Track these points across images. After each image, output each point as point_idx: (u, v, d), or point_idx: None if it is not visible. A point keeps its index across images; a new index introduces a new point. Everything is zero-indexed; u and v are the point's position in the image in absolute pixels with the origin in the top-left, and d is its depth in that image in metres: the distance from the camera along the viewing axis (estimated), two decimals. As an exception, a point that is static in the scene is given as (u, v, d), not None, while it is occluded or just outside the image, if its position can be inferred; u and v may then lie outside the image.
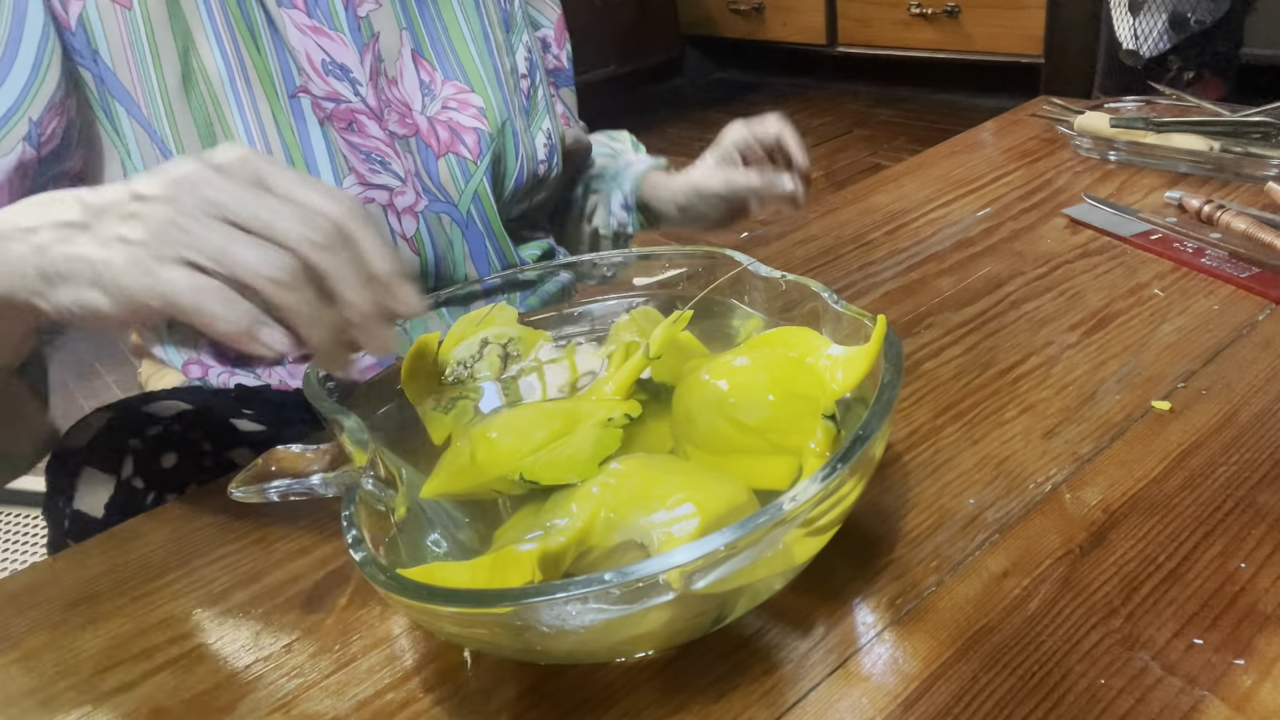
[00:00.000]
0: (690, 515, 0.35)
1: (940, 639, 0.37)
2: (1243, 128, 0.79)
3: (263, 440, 0.64)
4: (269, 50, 0.63)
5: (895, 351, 0.39)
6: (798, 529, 0.33)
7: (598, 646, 0.36)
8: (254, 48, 0.62)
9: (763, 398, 0.40)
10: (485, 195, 0.71)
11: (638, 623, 0.33)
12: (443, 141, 0.69)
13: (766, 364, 0.42)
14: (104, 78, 0.59)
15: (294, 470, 0.38)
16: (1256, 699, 0.33)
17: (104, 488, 0.58)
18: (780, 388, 0.41)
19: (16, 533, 1.59)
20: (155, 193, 0.38)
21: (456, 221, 0.70)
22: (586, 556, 0.36)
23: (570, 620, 0.32)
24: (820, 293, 0.45)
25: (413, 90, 0.69)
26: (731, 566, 0.32)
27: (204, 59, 0.61)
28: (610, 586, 0.30)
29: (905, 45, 2.87)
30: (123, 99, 0.60)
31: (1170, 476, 0.44)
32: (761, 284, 0.49)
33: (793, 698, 0.35)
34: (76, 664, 0.41)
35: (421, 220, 0.68)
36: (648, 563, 0.30)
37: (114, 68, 0.59)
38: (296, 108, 0.64)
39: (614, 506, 0.36)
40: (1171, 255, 0.65)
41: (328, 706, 0.38)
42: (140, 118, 0.60)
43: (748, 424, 0.40)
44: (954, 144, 0.94)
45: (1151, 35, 2.05)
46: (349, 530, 0.35)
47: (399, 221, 0.67)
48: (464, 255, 0.71)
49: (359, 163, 0.66)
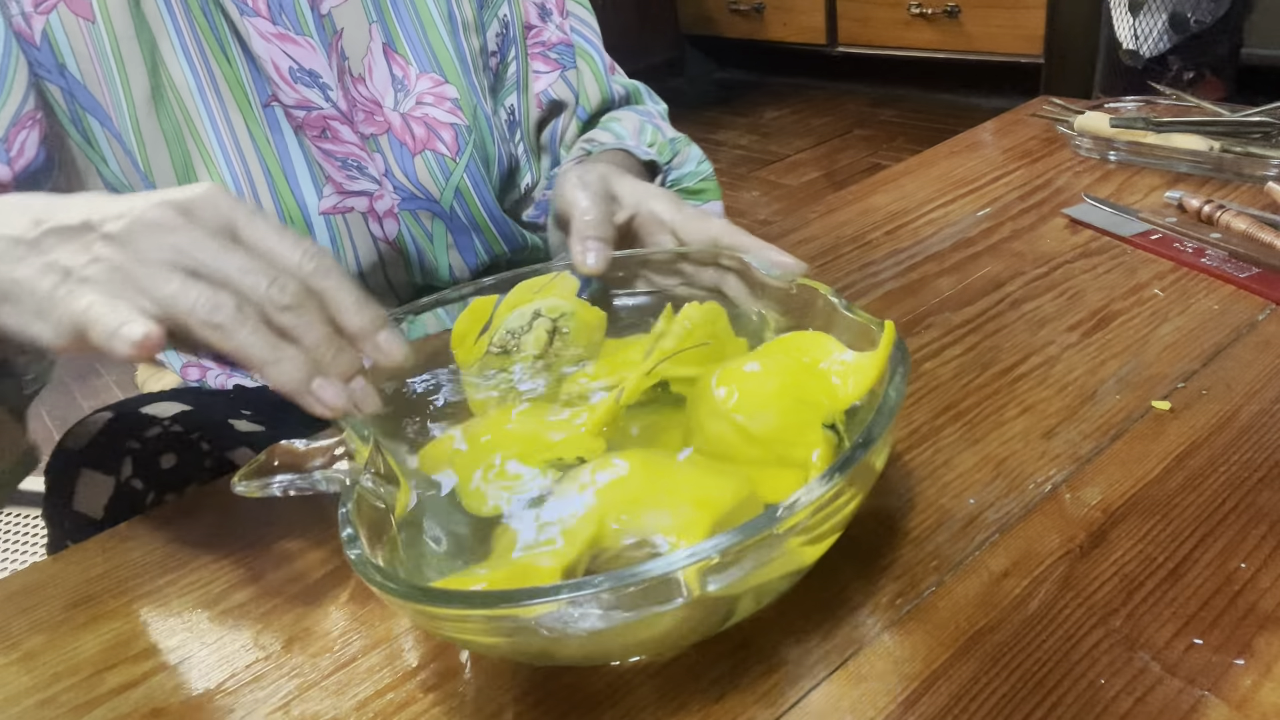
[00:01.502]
0: (694, 517, 0.35)
1: (940, 639, 0.37)
2: (1243, 128, 0.79)
3: (261, 440, 0.64)
4: (238, 60, 0.61)
5: (902, 359, 0.39)
6: (797, 536, 0.33)
7: (610, 648, 0.36)
8: (223, 58, 0.61)
9: (770, 407, 0.40)
10: (467, 191, 0.69)
11: (652, 625, 0.33)
12: (418, 139, 0.66)
13: (777, 370, 0.41)
14: (74, 91, 0.58)
15: (297, 465, 0.38)
16: (1256, 699, 0.33)
17: (103, 489, 0.58)
18: (789, 396, 0.40)
19: (16, 533, 1.59)
20: (116, 232, 0.37)
21: (439, 215, 0.68)
22: (598, 559, 0.36)
23: (582, 623, 0.31)
24: (830, 298, 0.45)
25: (384, 86, 0.66)
26: (744, 568, 0.32)
27: (172, 71, 0.60)
28: (627, 585, 0.30)
29: (905, 45, 2.87)
30: (94, 110, 0.59)
31: (1170, 476, 0.44)
32: (767, 286, 0.49)
33: (793, 698, 0.35)
34: (76, 664, 0.41)
35: (400, 221, 0.67)
36: (660, 561, 0.30)
37: (83, 80, 0.58)
38: (271, 117, 0.63)
39: (622, 508, 0.36)
40: (1171, 255, 0.65)
41: (328, 706, 0.38)
42: (112, 129, 0.59)
43: (754, 434, 0.39)
44: (954, 144, 0.94)
45: (1151, 35, 2.05)
46: (344, 528, 0.35)
47: (380, 226, 0.66)
48: (447, 245, 0.70)
49: (335, 171, 0.64)
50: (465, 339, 0.50)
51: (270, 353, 0.37)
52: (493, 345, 0.49)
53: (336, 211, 0.64)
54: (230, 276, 0.37)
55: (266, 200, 0.62)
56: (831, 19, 3.04)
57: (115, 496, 0.57)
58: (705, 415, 0.41)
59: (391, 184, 0.66)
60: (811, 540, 0.35)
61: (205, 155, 0.61)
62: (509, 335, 0.49)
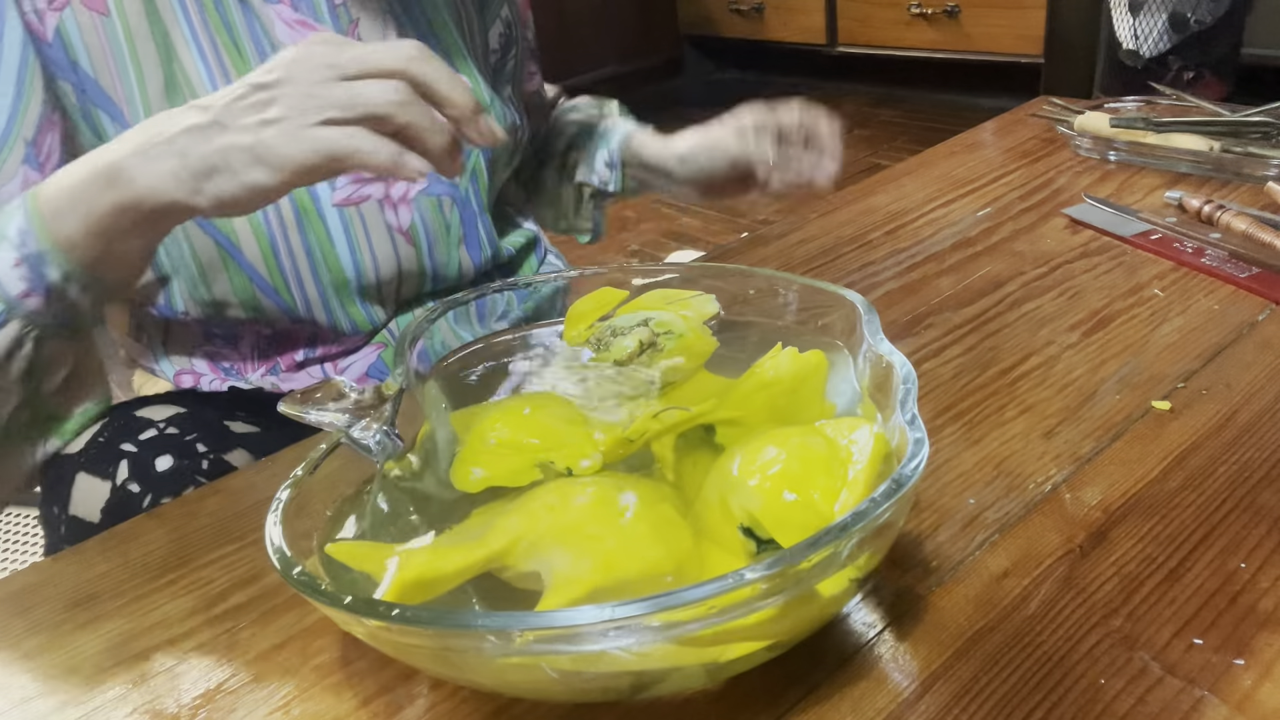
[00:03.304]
0: (581, 574, 0.33)
1: (940, 639, 0.37)
2: (1243, 128, 0.79)
3: (258, 441, 0.64)
4: (250, 53, 0.62)
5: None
6: (670, 641, 0.30)
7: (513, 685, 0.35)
8: (235, 51, 0.62)
9: (760, 494, 0.35)
10: (481, 171, 0.71)
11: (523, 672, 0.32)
12: None
13: (799, 454, 0.36)
14: (85, 87, 0.59)
15: (338, 404, 0.41)
16: (1256, 699, 0.33)
17: (99, 493, 0.57)
18: (791, 485, 0.35)
19: (16, 533, 1.59)
20: (276, 77, 0.45)
21: (456, 201, 0.70)
22: (502, 573, 0.36)
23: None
24: (864, 318, 0.42)
25: None
26: (576, 647, 0.29)
27: (185, 64, 0.61)
28: (428, 625, 0.29)
29: (905, 45, 2.87)
30: (105, 105, 0.60)
31: (1170, 476, 0.44)
32: (796, 295, 0.47)
33: (793, 698, 0.35)
34: (76, 664, 0.41)
35: (415, 209, 0.68)
36: (480, 615, 0.31)
37: (96, 76, 0.59)
38: None
39: (544, 533, 0.35)
40: (1171, 255, 0.65)
41: (328, 706, 0.38)
42: (123, 123, 0.60)
43: (733, 517, 0.36)
44: (954, 144, 0.94)
45: (1151, 35, 2.05)
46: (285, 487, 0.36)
47: (395, 215, 0.67)
48: (458, 239, 0.71)
49: None
50: (580, 320, 0.49)
51: (430, 120, 0.46)
52: (591, 339, 0.48)
53: (350, 203, 0.65)
54: (373, 63, 0.45)
55: None
56: (831, 19, 3.04)
57: (112, 500, 0.57)
58: (708, 484, 0.38)
59: None
60: (686, 644, 0.31)
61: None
62: (609, 332, 0.48)
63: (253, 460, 0.63)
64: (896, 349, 0.40)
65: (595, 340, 0.48)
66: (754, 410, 0.42)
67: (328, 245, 0.65)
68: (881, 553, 0.35)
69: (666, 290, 0.50)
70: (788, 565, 0.29)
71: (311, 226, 0.64)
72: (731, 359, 0.47)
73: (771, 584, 0.29)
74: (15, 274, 0.48)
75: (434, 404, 0.46)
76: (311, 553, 0.36)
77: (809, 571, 0.30)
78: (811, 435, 0.37)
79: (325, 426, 0.40)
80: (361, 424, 0.40)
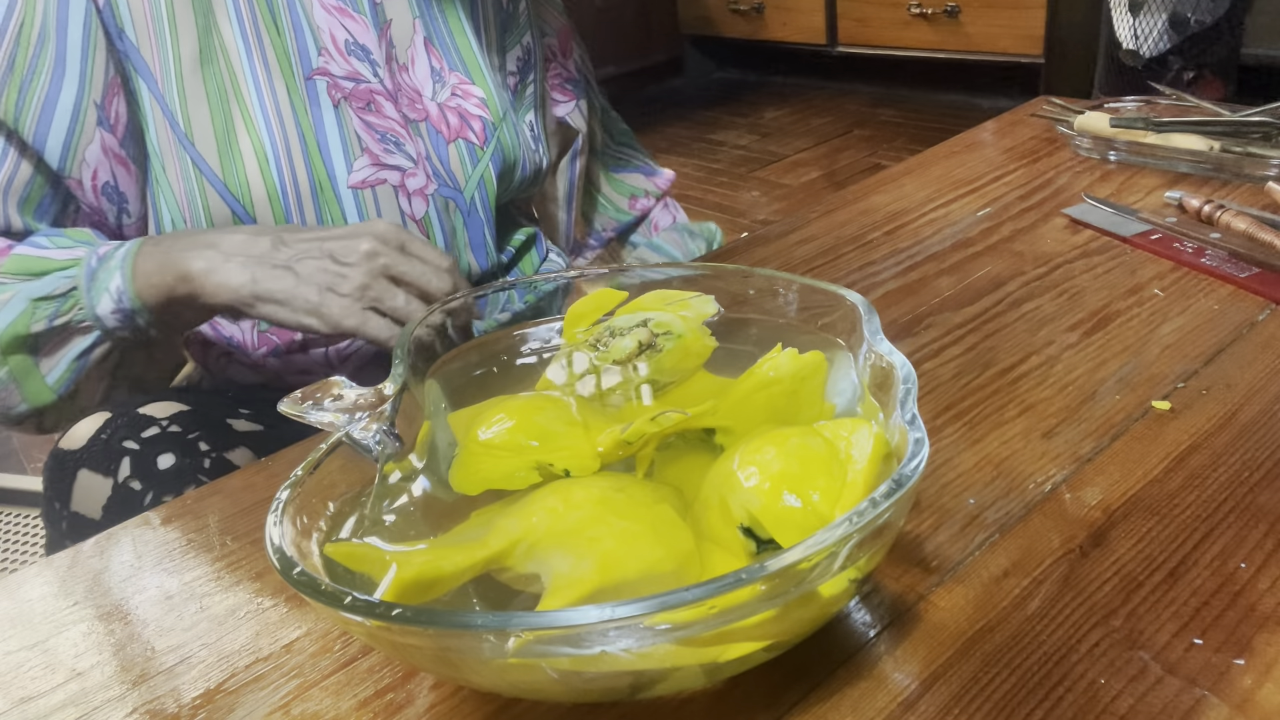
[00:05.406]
0: (582, 576, 0.33)
1: (940, 639, 0.37)
2: (1243, 128, 0.79)
3: (260, 440, 0.64)
4: (288, 31, 0.65)
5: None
6: (668, 642, 0.30)
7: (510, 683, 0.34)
8: (274, 28, 0.64)
9: (760, 494, 0.35)
10: (490, 182, 0.72)
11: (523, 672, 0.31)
12: (453, 128, 0.71)
13: (798, 455, 0.36)
14: (128, 53, 0.62)
15: (339, 404, 0.41)
16: (1256, 699, 0.33)
17: (101, 490, 0.58)
18: (791, 486, 0.35)
19: (16, 533, 1.59)
20: (352, 262, 0.58)
21: (460, 208, 0.71)
22: (502, 575, 0.36)
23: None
24: (864, 318, 0.42)
25: (424, 77, 0.71)
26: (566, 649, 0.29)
27: (224, 36, 0.63)
28: (430, 626, 0.29)
29: (905, 45, 2.87)
30: (144, 74, 0.62)
31: (1170, 476, 0.44)
32: (796, 295, 0.47)
33: (793, 698, 0.35)
34: (76, 664, 0.41)
35: (431, 203, 0.70)
36: (478, 615, 0.30)
37: (137, 43, 0.61)
38: (311, 90, 0.66)
39: (543, 535, 0.35)
40: (1171, 255, 0.65)
41: (328, 706, 0.38)
42: (156, 91, 0.62)
43: (735, 519, 0.35)
44: (954, 144, 0.94)
45: (1151, 35, 2.05)
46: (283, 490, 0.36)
47: (409, 203, 0.69)
48: (465, 244, 0.72)
49: (374, 143, 0.67)
50: (579, 321, 0.49)
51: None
52: (589, 337, 0.48)
53: (366, 185, 0.67)
54: (418, 282, 0.59)
55: (300, 169, 0.66)
56: (831, 19, 3.04)
57: (113, 497, 0.57)
58: (707, 485, 0.38)
59: (429, 169, 0.70)
60: (683, 644, 0.31)
61: (247, 119, 0.64)
62: (607, 333, 0.47)
63: (255, 459, 0.63)
64: (896, 349, 0.39)
65: (594, 341, 0.48)
66: (753, 410, 0.41)
67: (341, 223, 0.66)
68: (881, 553, 0.35)
69: (666, 290, 0.50)
70: (788, 566, 0.29)
71: (326, 203, 0.66)
72: (731, 359, 0.47)
73: (771, 584, 0.29)
74: (113, 318, 0.61)
75: (434, 404, 0.46)
76: (311, 553, 0.36)
77: (809, 572, 0.30)
78: (811, 436, 0.37)
79: (325, 426, 0.40)
80: (361, 424, 0.40)
